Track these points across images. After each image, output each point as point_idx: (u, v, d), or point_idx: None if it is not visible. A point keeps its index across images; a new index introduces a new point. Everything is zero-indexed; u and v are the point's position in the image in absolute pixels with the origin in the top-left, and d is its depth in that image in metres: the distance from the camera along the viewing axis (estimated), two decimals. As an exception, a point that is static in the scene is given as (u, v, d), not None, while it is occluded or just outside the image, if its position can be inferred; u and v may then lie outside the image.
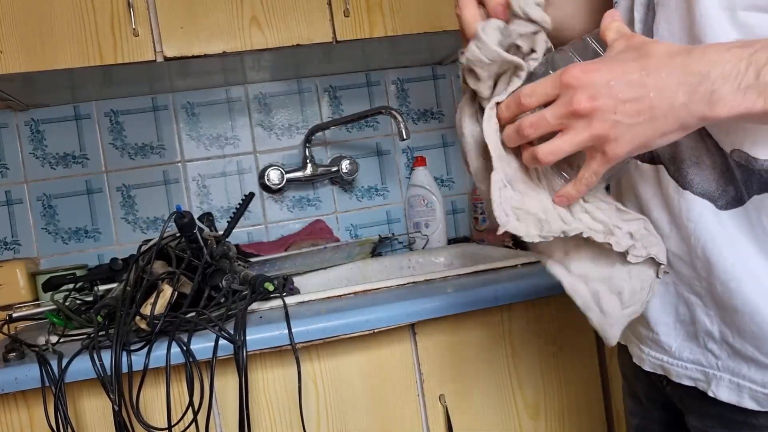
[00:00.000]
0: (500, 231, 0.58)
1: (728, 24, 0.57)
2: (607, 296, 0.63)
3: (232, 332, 0.95)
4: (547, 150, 0.56)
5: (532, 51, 0.61)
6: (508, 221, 0.58)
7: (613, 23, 0.59)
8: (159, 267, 1.09)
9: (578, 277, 0.63)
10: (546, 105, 0.57)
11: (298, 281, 1.39)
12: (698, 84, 0.52)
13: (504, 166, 0.60)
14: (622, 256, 0.63)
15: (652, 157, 0.66)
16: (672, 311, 0.69)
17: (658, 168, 0.66)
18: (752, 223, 0.60)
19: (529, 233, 0.58)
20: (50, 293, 1.27)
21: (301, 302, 1.13)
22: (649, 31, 0.65)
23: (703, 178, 0.62)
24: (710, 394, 0.66)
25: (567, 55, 0.61)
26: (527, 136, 0.57)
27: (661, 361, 0.71)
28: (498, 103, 0.61)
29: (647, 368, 0.73)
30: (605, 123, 0.54)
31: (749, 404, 0.63)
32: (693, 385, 0.68)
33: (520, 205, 0.59)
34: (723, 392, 0.65)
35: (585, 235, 0.60)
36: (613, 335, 0.64)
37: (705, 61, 0.52)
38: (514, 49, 0.60)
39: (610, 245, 0.61)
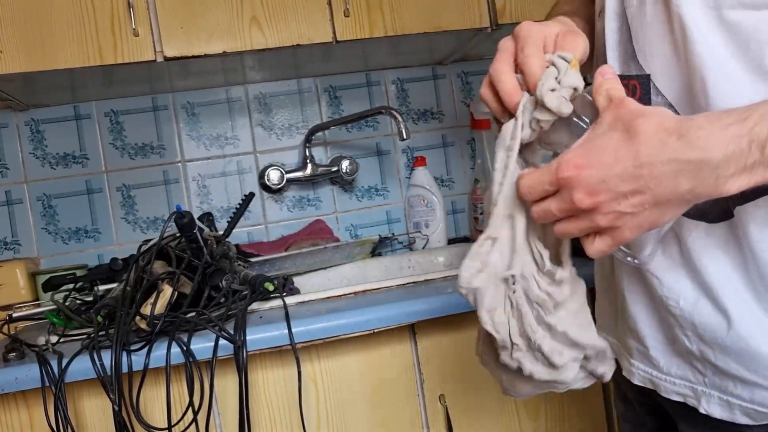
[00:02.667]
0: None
1: (715, 25, 0.56)
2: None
3: (232, 332, 0.95)
4: (559, 231, 0.57)
5: None
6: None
7: (603, 84, 0.56)
8: (159, 267, 1.09)
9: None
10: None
11: (298, 281, 1.39)
12: (698, 170, 0.50)
13: (476, 305, 0.62)
14: None
15: None
16: (656, 326, 0.68)
17: None
18: (738, 235, 0.60)
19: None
20: (50, 293, 1.27)
21: (301, 302, 1.13)
22: (627, 42, 0.64)
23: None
24: (702, 410, 0.65)
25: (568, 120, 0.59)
26: (538, 219, 0.58)
27: (650, 375, 0.70)
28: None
29: (636, 382, 0.72)
30: (609, 215, 0.53)
31: (742, 420, 0.62)
32: (682, 400, 0.67)
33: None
34: (715, 409, 0.64)
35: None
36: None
37: (702, 146, 0.49)
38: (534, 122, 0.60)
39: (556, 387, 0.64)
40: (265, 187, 1.68)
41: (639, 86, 0.63)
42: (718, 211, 0.60)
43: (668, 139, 0.50)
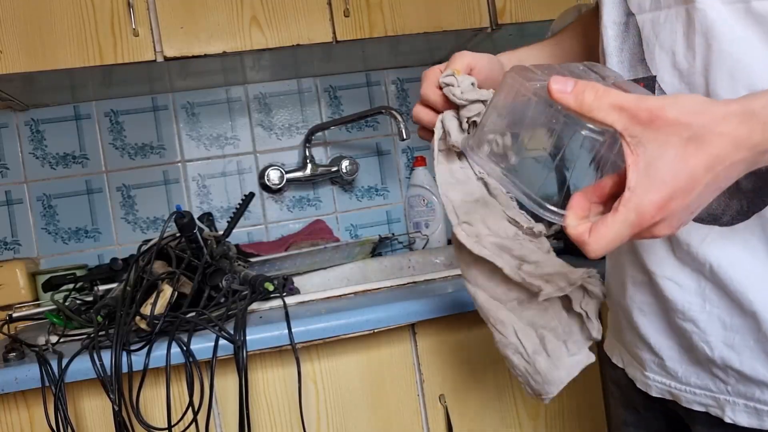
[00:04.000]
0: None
1: (743, 17, 0.55)
2: (554, 342, 0.66)
3: (232, 332, 0.95)
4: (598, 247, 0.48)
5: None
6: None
7: (601, 100, 0.47)
8: (159, 267, 1.09)
9: (528, 324, 0.66)
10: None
11: (298, 281, 1.39)
12: (763, 154, 0.46)
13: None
14: (568, 308, 0.67)
15: None
16: (671, 336, 0.66)
17: None
18: (756, 233, 0.57)
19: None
20: (50, 293, 1.27)
21: (301, 302, 1.13)
22: (635, 46, 0.64)
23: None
24: (727, 420, 0.62)
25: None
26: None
27: (669, 386, 0.68)
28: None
29: (654, 394, 0.70)
30: (673, 228, 0.48)
31: None
32: (704, 410, 0.65)
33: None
34: (741, 417, 0.61)
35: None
36: (558, 379, 0.66)
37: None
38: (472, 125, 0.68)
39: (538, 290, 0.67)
40: (265, 187, 1.68)
41: (644, 87, 0.62)
42: (731, 213, 0.59)
43: (739, 131, 0.45)
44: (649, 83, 0.62)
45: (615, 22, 0.66)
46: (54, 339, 1.03)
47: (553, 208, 0.51)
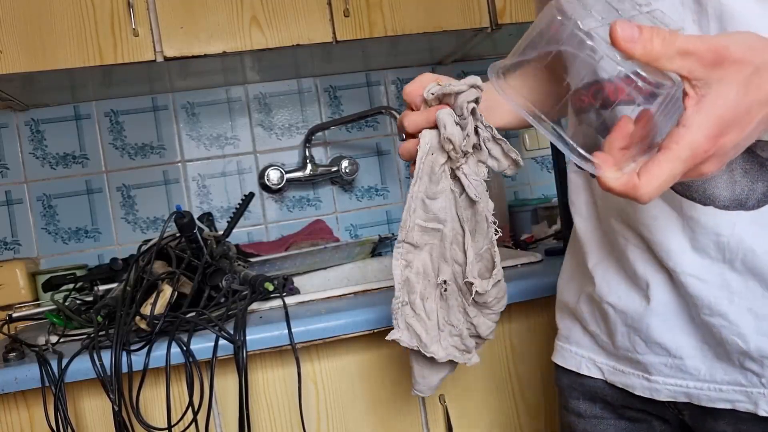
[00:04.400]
0: (390, 337, 0.71)
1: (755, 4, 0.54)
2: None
3: (232, 332, 0.95)
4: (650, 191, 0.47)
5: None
6: (399, 332, 0.71)
7: (670, 46, 0.45)
8: (159, 267, 1.09)
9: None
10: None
11: (298, 281, 1.39)
12: None
13: (408, 292, 0.70)
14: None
15: None
16: (693, 333, 0.64)
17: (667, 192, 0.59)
18: None
19: (410, 345, 0.71)
20: (50, 293, 1.27)
21: (301, 302, 1.13)
22: None
23: (722, 185, 0.58)
24: (762, 413, 0.60)
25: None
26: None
27: (686, 387, 0.65)
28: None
29: (663, 398, 0.68)
30: (719, 165, 0.48)
31: None
32: (731, 407, 0.63)
33: (411, 323, 0.71)
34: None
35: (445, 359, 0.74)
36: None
37: None
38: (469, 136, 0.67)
39: (465, 363, 0.76)
40: (265, 187, 1.68)
41: None
42: (757, 197, 0.58)
43: None
44: None
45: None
46: (54, 339, 1.03)
47: (587, 155, 0.49)
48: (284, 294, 1.10)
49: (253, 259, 1.39)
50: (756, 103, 0.46)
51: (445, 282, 0.71)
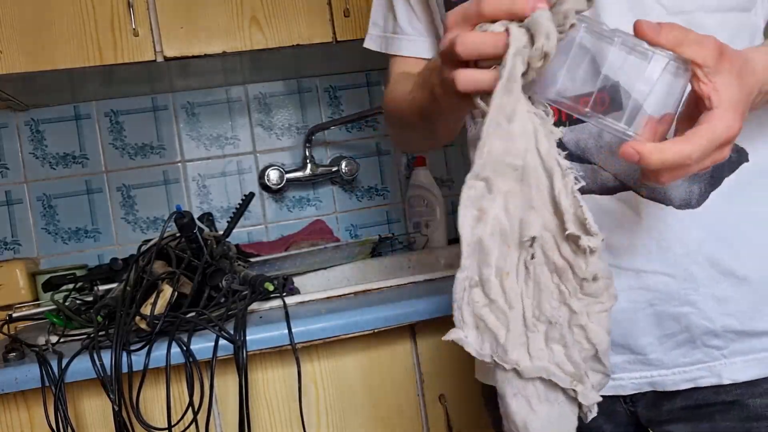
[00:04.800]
0: (448, 337, 0.52)
1: None
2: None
3: (232, 332, 0.95)
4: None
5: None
6: (463, 329, 0.51)
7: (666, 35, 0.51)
8: (159, 267, 1.09)
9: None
10: None
11: (298, 281, 1.39)
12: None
13: (478, 263, 0.51)
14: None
15: (623, 185, 0.67)
16: (653, 330, 0.69)
17: (629, 195, 0.67)
18: (747, 196, 0.67)
19: (480, 352, 0.51)
20: (50, 293, 1.27)
21: (301, 302, 1.13)
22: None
23: (675, 188, 0.65)
24: (727, 381, 0.68)
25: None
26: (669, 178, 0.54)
27: (650, 377, 0.71)
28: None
29: (628, 392, 0.72)
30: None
31: None
32: (693, 386, 0.69)
33: (484, 315, 0.51)
34: (740, 374, 0.67)
35: (544, 376, 0.51)
36: None
37: None
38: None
39: (575, 393, 0.51)
40: (265, 187, 1.68)
41: None
42: (696, 197, 0.66)
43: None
44: None
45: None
46: (54, 339, 1.03)
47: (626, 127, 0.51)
48: (284, 294, 1.10)
49: (253, 259, 1.39)
50: (747, 88, 0.53)
51: (533, 240, 0.50)
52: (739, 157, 0.68)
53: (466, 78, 0.52)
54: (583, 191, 0.55)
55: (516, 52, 0.48)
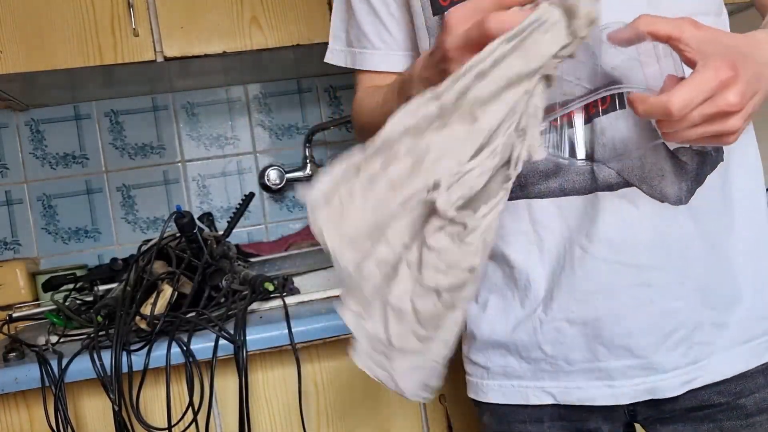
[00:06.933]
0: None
1: None
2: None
3: (232, 332, 0.95)
4: (682, 137, 0.55)
5: None
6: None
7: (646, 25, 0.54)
8: (159, 267, 1.09)
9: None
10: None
11: (298, 281, 1.39)
12: None
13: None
14: None
15: (626, 182, 0.67)
16: (655, 330, 0.69)
17: (632, 190, 0.67)
18: (723, 193, 0.69)
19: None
20: (50, 293, 1.27)
21: (301, 302, 1.13)
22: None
23: (670, 185, 0.67)
24: (719, 378, 0.69)
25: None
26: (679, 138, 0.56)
27: (652, 383, 0.69)
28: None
29: (628, 400, 0.70)
30: (742, 117, 0.54)
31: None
32: (689, 388, 0.69)
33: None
34: (728, 367, 0.69)
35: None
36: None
37: None
38: None
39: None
40: (265, 187, 1.68)
41: None
42: (683, 194, 0.68)
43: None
44: None
45: None
46: (54, 339, 1.03)
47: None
48: (284, 294, 1.10)
49: (253, 259, 1.39)
50: (734, 40, 0.57)
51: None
52: (718, 155, 0.69)
53: (498, 18, 0.51)
54: (585, 190, 0.67)
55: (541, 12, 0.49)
